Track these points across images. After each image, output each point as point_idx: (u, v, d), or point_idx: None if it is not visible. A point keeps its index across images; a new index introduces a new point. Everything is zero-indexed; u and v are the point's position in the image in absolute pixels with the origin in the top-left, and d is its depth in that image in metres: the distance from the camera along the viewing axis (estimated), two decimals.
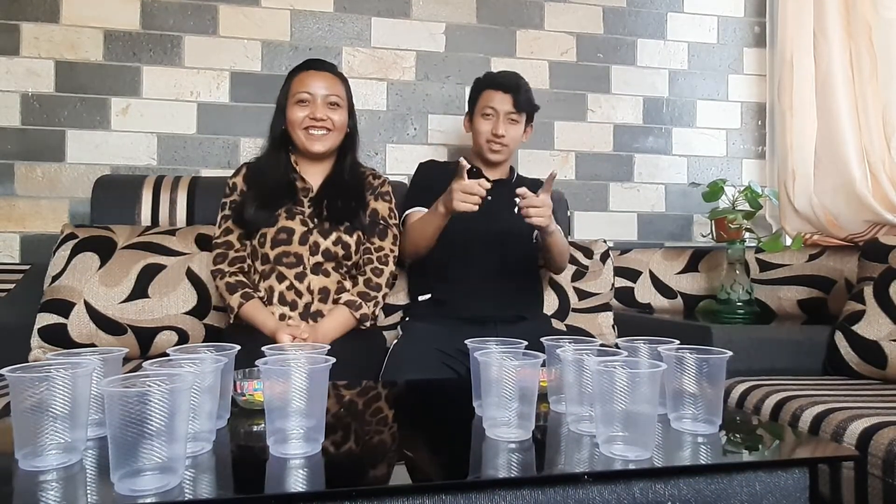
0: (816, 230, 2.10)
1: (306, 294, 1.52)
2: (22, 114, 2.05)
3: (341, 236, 1.55)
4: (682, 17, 2.56)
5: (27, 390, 0.72)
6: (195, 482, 0.70)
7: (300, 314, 1.51)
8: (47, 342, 1.59)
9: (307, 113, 1.56)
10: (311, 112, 1.56)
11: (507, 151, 1.79)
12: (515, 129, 1.78)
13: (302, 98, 1.56)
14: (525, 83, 1.79)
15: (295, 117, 1.57)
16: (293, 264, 1.52)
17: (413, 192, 1.81)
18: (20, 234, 2.05)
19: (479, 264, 1.71)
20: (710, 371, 0.87)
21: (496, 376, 0.84)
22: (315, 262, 1.53)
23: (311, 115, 1.55)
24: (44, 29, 2.06)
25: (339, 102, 1.59)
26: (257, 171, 1.62)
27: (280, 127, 1.60)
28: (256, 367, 0.82)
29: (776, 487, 0.78)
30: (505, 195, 1.74)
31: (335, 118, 1.58)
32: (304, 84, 1.57)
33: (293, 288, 1.52)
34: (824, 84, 1.98)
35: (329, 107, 1.57)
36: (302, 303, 1.52)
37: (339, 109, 1.59)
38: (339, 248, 1.55)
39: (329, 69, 1.62)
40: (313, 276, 1.53)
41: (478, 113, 1.79)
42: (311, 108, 1.56)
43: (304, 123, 1.56)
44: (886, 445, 1.04)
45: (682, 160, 2.55)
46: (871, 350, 1.52)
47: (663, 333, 1.05)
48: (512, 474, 0.74)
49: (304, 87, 1.57)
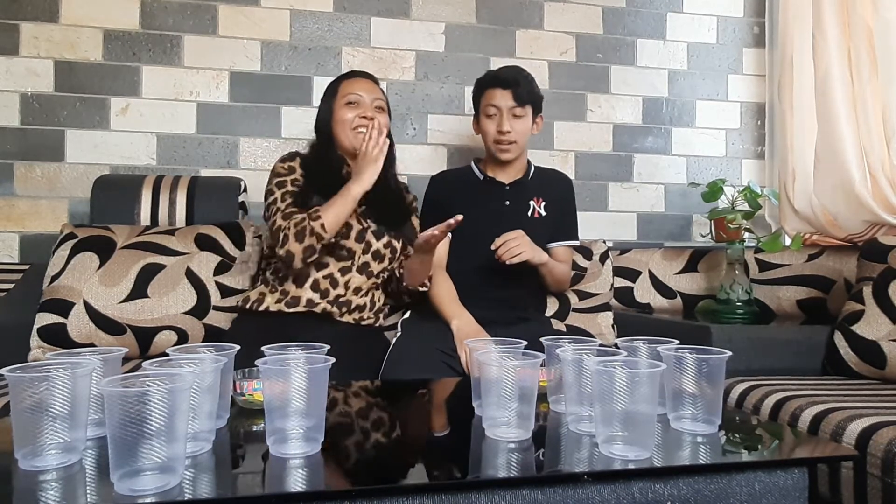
0: (816, 230, 2.10)
1: (342, 287, 1.58)
2: (21, 113, 2.05)
3: (391, 241, 1.63)
4: (682, 18, 2.56)
5: (27, 390, 0.72)
6: (195, 482, 0.70)
7: (329, 301, 1.56)
8: (47, 342, 1.59)
9: (357, 113, 1.62)
10: (361, 112, 1.62)
11: (516, 148, 1.75)
12: (522, 124, 1.74)
13: (351, 100, 1.63)
14: (526, 75, 1.75)
15: (345, 117, 1.62)
16: (343, 258, 1.58)
17: (424, 212, 1.81)
18: (19, 233, 2.05)
19: (487, 267, 1.67)
20: (709, 371, 0.87)
21: (496, 376, 0.84)
22: (364, 260, 1.60)
23: (362, 115, 1.61)
24: (43, 28, 2.06)
25: (383, 106, 1.67)
26: (312, 162, 1.65)
27: (328, 129, 1.65)
28: (256, 366, 0.82)
29: (775, 487, 0.78)
30: (522, 196, 1.78)
31: (382, 120, 1.62)
32: (353, 87, 1.65)
33: (331, 278, 1.57)
34: (824, 84, 1.98)
35: (376, 109, 1.64)
36: (334, 293, 1.57)
37: (383, 113, 1.66)
38: (388, 251, 1.63)
39: (372, 78, 1.72)
40: (357, 274, 1.59)
41: (482, 113, 1.76)
42: (362, 109, 1.62)
43: (354, 123, 1.61)
44: (885, 445, 1.04)
45: (681, 160, 2.56)
46: (871, 350, 1.52)
47: (663, 333, 1.05)
48: (511, 474, 0.74)
49: (353, 90, 1.64)
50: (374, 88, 1.68)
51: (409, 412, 1.12)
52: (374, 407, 1.12)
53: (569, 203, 1.88)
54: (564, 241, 1.85)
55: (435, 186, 1.85)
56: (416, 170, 2.28)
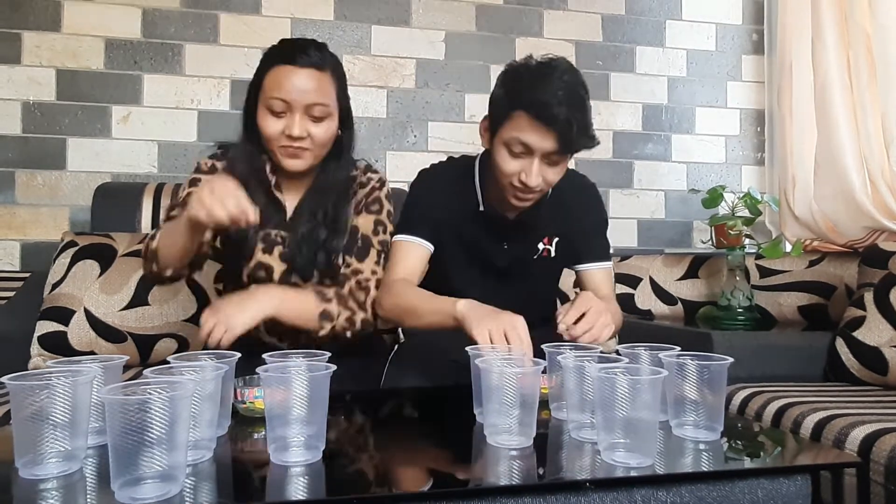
0: (816, 236, 2.10)
1: None
2: (23, 122, 2.05)
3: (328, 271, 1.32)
4: (681, 25, 2.57)
5: (28, 398, 0.72)
6: (196, 490, 0.70)
7: None
8: (47, 350, 1.59)
9: (282, 127, 1.21)
10: (286, 127, 1.20)
11: (537, 198, 1.31)
12: (555, 173, 1.25)
13: (275, 108, 1.20)
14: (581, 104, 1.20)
15: (267, 130, 1.22)
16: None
17: (405, 211, 1.41)
18: (20, 241, 2.05)
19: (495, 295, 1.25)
20: (711, 377, 0.87)
21: (497, 383, 0.84)
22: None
23: (288, 132, 1.20)
24: (45, 37, 2.06)
25: (324, 112, 1.23)
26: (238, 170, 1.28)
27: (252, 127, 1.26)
28: (257, 374, 0.81)
29: (778, 494, 0.77)
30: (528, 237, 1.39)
31: (318, 133, 1.23)
32: (279, 86, 1.19)
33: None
34: (823, 91, 1.99)
35: (312, 119, 1.22)
36: None
37: (324, 121, 1.24)
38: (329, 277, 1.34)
39: (316, 62, 1.21)
40: None
41: (500, 141, 1.23)
42: (288, 122, 1.20)
43: (279, 141, 1.22)
44: (888, 452, 1.04)
45: (681, 167, 2.56)
46: (872, 356, 1.52)
47: (664, 340, 1.05)
48: (513, 482, 0.74)
49: (279, 91, 1.19)
50: (314, 83, 1.20)
51: (411, 419, 1.12)
52: (375, 414, 1.11)
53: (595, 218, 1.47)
54: (596, 261, 1.43)
55: (425, 193, 1.42)
56: None
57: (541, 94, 1.16)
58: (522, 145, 1.19)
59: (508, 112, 1.20)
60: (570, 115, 1.16)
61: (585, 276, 1.44)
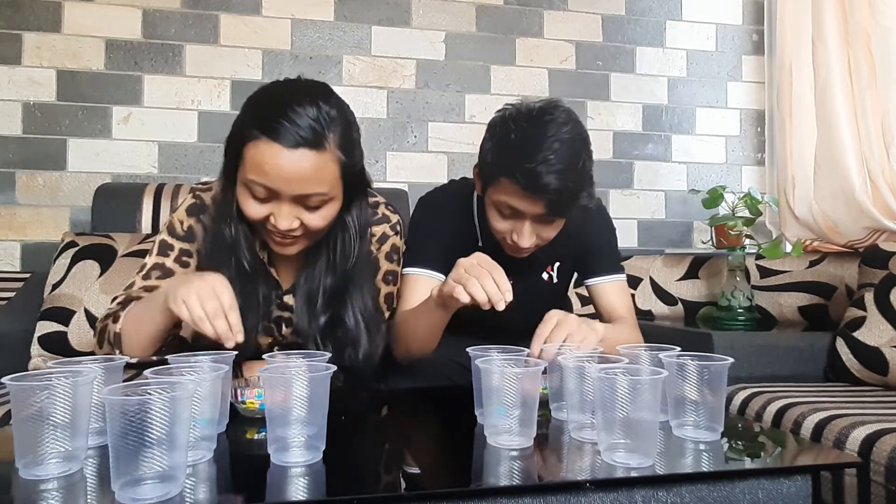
0: (816, 236, 2.10)
1: None
2: (23, 122, 2.05)
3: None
4: (681, 25, 2.57)
5: (28, 399, 0.72)
6: (196, 490, 0.70)
7: None
8: (47, 350, 1.59)
9: (266, 213, 0.99)
10: (272, 215, 0.99)
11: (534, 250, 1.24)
12: (550, 231, 1.19)
13: (257, 193, 0.97)
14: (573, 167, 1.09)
15: (249, 213, 1.00)
16: None
17: (412, 243, 1.32)
18: (21, 242, 2.05)
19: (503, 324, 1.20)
20: (711, 378, 0.87)
21: (497, 384, 0.84)
22: None
23: (274, 223, 0.99)
24: (45, 38, 2.07)
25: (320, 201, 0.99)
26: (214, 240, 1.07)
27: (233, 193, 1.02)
28: (257, 374, 0.81)
29: (779, 495, 0.77)
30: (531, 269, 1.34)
31: (313, 221, 1.00)
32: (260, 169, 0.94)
33: None
34: (823, 91, 1.99)
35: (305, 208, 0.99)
36: None
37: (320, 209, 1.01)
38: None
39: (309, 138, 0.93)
40: None
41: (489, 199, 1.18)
42: (274, 210, 0.98)
43: (265, 224, 1.01)
44: (889, 452, 1.04)
45: (681, 167, 2.56)
46: (873, 356, 1.52)
47: (664, 340, 1.05)
48: (514, 482, 0.74)
49: (260, 176, 0.94)
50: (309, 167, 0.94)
51: (411, 420, 1.12)
52: (375, 415, 1.11)
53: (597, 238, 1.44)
54: (603, 274, 1.39)
55: (430, 223, 1.35)
56: (417, 177, 2.29)
57: (529, 161, 1.07)
58: (511, 209, 1.14)
59: (497, 175, 1.13)
60: (561, 183, 1.07)
61: (596, 291, 1.40)
